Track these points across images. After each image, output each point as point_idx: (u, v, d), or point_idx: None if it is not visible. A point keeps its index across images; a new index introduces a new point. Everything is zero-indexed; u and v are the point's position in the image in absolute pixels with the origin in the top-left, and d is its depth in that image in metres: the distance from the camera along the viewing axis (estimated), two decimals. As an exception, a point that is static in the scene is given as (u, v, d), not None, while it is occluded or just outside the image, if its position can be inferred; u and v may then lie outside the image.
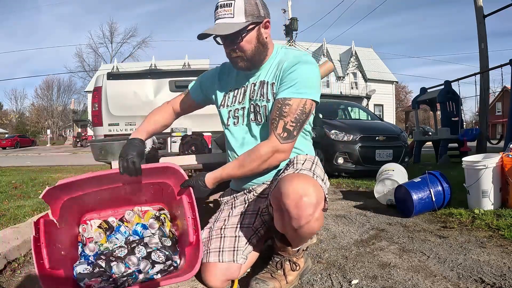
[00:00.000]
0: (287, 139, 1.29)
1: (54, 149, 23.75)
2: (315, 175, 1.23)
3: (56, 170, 7.12)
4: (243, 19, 1.26)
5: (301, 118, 1.29)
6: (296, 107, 1.28)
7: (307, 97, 1.29)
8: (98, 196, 1.47)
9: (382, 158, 4.82)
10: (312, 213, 1.13)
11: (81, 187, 1.38)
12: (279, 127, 1.29)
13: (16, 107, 47.60)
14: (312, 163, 1.32)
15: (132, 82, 3.31)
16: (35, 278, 1.52)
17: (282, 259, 1.36)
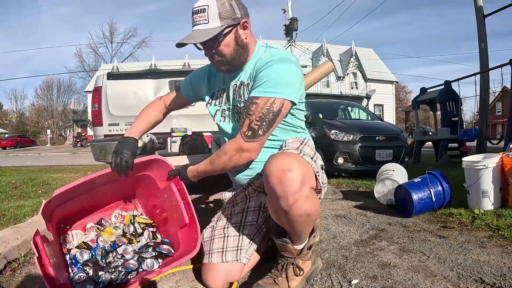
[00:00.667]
0: (252, 138, 1.26)
1: (54, 149, 23.74)
2: (301, 153, 1.22)
3: (56, 170, 7.12)
4: (218, 23, 1.25)
5: (267, 117, 1.24)
6: (263, 106, 1.24)
7: (276, 96, 1.25)
8: (78, 203, 1.49)
9: (382, 158, 4.82)
10: (298, 190, 1.10)
11: (71, 195, 1.38)
12: (244, 125, 1.27)
13: (16, 107, 47.65)
14: (300, 143, 1.31)
15: (132, 82, 3.31)
16: (35, 278, 1.53)
17: (285, 262, 1.31)
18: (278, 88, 1.25)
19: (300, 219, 1.18)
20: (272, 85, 1.25)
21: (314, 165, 1.23)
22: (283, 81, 1.26)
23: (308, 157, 1.22)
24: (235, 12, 1.28)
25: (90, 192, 1.48)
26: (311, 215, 1.19)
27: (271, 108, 1.25)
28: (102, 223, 1.63)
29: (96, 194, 1.54)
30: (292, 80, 1.29)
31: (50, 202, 1.25)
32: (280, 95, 1.25)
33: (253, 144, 1.27)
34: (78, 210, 1.57)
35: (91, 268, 1.37)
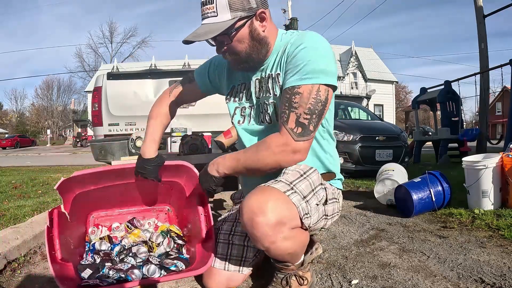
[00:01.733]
0: (302, 135, 1.06)
1: (54, 149, 23.74)
2: (292, 190, 1.04)
3: (56, 170, 7.12)
4: (228, 15, 1.06)
5: (317, 108, 1.06)
6: (308, 95, 1.05)
7: (320, 82, 1.06)
8: (107, 193, 1.48)
9: (382, 158, 4.83)
10: (272, 234, 0.99)
11: (94, 181, 1.39)
12: (290, 121, 1.06)
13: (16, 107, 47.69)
14: (300, 175, 1.10)
15: (132, 82, 3.31)
16: (35, 278, 1.53)
17: (286, 275, 1.21)
18: (319, 72, 1.06)
19: (281, 257, 1.11)
20: (312, 70, 1.06)
21: (304, 206, 1.05)
22: (323, 63, 1.07)
23: (298, 196, 1.04)
24: (249, 1, 1.08)
25: (121, 188, 1.47)
26: (294, 252, 1.11)
27: (318, 97, 1.06)
28: (134, 223, 1.58)
29: (128, 192, 1.52)
30: (330, 61, 1.10)
31: (69, 180, 1.26)
32: (324, 79, 1.07)
33: (305, 144, 1.08)
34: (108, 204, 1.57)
35: (100, 257, 1.37)
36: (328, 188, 1.22)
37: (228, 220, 1.46)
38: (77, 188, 1.37)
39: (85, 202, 1.45)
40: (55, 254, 1.19)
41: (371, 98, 26.02)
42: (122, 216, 1.61)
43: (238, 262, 1.34)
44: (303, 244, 1.14)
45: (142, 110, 3.27)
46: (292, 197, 1.03)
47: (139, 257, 1.43)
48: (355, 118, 6.33)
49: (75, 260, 1.34)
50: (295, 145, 1.07)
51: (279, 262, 1.19)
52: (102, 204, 1.56)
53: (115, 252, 1.46)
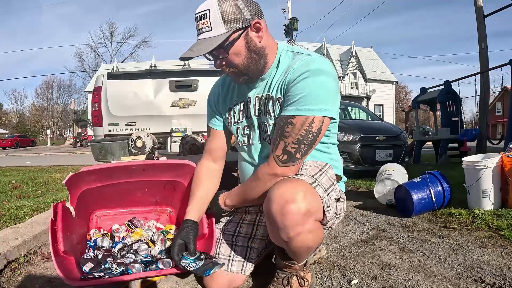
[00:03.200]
0: (287, 162, 1.10)
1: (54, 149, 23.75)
2: (315, 182, 1.08)
3: (56, 170, 7.12)
4: (222, 29, 1.06)
5: (306, 139, 1.09)
6: (300, 127, 1.08)
7: (315, 113, 1.07)
8: (112, 191, 1.49)
9: (382, 158, 4.82)
10: (301, 223, 1.01)
11: (102, 177, 1.40)
12: (278, 149, 1.11)
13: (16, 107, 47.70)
14: (319, 169, 1.15)
15: (132, 82, 3.31)
16: (35, 278, 1.53)
17: (288, 274, 1.23)
18: (317, 105, 1.07)
19: (300, 250, 1.11)
20: (309, 101, 1.07)
21: (326, 199, 1.09)
22: (322, 95, 1.08)
23: (322, 188, 1.08)
24: (243, 12, 1.08)
25: (125, 187, 1.48)
26: (312, 247, 1.12)
27: (310, 129, 1.08)
28: (135, 223, 1.60)
29: (132, 191, 1.54)
30: (331, 93, 1.10)
31: (77, 176, 1.28)
32: (320, 112, 1.08)
33: (289, 169, 1.11)
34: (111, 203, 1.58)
35: (101, 253, 1.38)
36: (337, 187, 1.24)
37: (232, 221, 1.46)
38: (83, 185, 1.38)
39: (89, 200, 1.46)
40: (58, 247, 1.20)
41: (371, 98, 26.02)
42: (124, 216, 1.62)
43: (241, 264, 1.34)
44: (320, 240, 1.14)
45: (142, 110, 3.27)
46: (318, 189, 1.06)
47: (140, 254, 1.43)
48: (355, 118, 6.33)
49: (77, 255, 1.34)
50: (280, 171, 1.11)
51: (287, 259, 1.20)
52: (105, 203, 1.57)
53: (116, 249, 1.46)
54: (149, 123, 3.27)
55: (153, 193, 1.59)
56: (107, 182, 1.43)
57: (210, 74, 3.33)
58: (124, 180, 1.46)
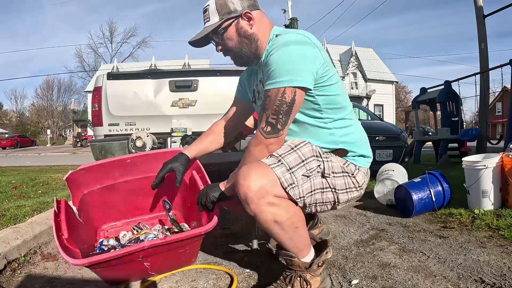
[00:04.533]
0: (271, 133, 1.20)
1: (54, 149, 23.75)
2: (279, 163, 1.17)
3: (56, 170, 7.12)
4: (217, 19, 1.27)
5: (282, 109, 1.17)
6: (275, 98, 1.17)
7: (284, 85, 1.15)
8: (114, 199, 1.51)
9: (382, 158, 4.82)
10: (256, 201, 1.13)
11: (100, 175, 1.43)
12: (262, 121, 1.22)
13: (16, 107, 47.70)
14: (290, 148, 1.23)
15: (132, 82, 3.31)
16: (35, 278, 1.53)
17: (293, 274, 1.26)
18: (284, 76, 1.16)
19: (270, 227, 1.17)
20: (277, 74, 1.17)
21: (288, 177, 1.16)
22: (288, 67, 1.16)
23: (284, 167, 1.17)
24: (233, 4, 1.28)
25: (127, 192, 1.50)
26: (281, 223, 1.17)
27: (283, 99, 1.17)
28: (140, 227, 1.63)
29: (135, 198, 1.56)
30: (297, 63, 1.16)
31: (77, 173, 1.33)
32: (289, 83, 1.15)
33: (275, 140, 1.21)
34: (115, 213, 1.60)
35: (108, 249, 1.43)
36: (333, 162, 1.27)
37: None
38: (83, 187, 1.39)
39: (94, 212, 1.48)
40: (62, 235, 1.21)
41: (371, 98, 26.02)
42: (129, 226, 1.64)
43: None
44: (292, 216, 1.19)
45: (142, 110, 3.27)
46: (276, 169, 1.16)
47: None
48: (355, 118, 6.31)
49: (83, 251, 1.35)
50: (266, 141, 1.21)
51: (282, 250, 1.25)
52: (111, 213, 1.58)
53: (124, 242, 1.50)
54: (149, 123, 3.27)
55: (156, 194, 1.58)
56: (106, 182, 1.43)
57: (210, 74, 3.32)
58: (123, 179, 1.46)
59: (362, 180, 1.32)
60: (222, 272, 1.55)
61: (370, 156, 1.37)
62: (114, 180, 1.49)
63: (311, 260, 1.26)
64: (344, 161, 1.31)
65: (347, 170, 1.29)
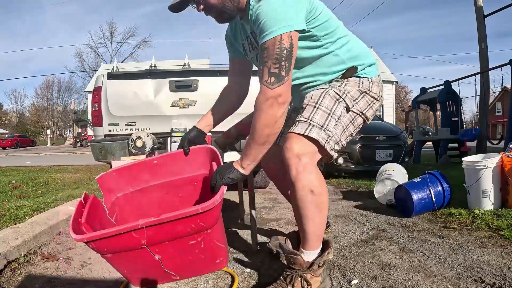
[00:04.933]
0: (277, 82, 1.18)
1: (54, 149, 23.75)
2: (310, 126, 1.22)
3: (56, 170, 7.12)
4: None
5: (283, 55, 1.17)
6: (273, 48, 1.16)
7: (280, 32, 1.15)
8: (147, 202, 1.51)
9: (382, 158, 4.82)
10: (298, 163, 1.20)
11: (131, 180, 1.46)
12: (264, 75, 1.19)
13: (16, 107, 47.71)
14: (313, 107, 1.27)
15: (132, 82, 3.31)
16: (35, 278, 1.53)
17: (293, 273, 1.26)
18: (276, 25, 1.16)
19: (303, 196, 1.22)
20: (270, 24, 1.16)
21: (323, 135, 1.23)
22: (279, 15, 1.16)
23: (316, 128, 1.22)
24: None
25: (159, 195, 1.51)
26: (315, 194, 1.22)
27: (282, 46, 1.16)
28: None
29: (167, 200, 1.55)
30: (287, 8, 1.18)
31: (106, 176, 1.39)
32: (284, 29, 1.16)
33: (281, 88, 1.18)
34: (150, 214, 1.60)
35: None
36: (350, 91, 1.32)
37: None
38: (115, 189, 1.45)
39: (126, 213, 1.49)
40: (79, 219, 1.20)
41: (371, 98, 25.96)
42: None
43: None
44: (324, 194, 1.26)
45: (142, 110, 3.27)
46: (312, 133, 1.22)
47: None
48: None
49: None
50: (273, 93, 1.18)
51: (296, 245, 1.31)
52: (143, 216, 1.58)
53: None
54: (149, 123, 3.27)
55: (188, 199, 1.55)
56: (136, 185, 1.46)
57: (210, 74, 3.33)
58: (152, 182, 1.47)
59: (378, 89, 1.39)
60: (222, 272, 1.55)
61: (375, 62, 1.44)
62: (143, 183, 1.49)
63: (313, 260, 1.26)
64: (357, 80, 1.35)
65: (363, 89, 1.35)
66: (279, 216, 2.65)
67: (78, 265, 1.69)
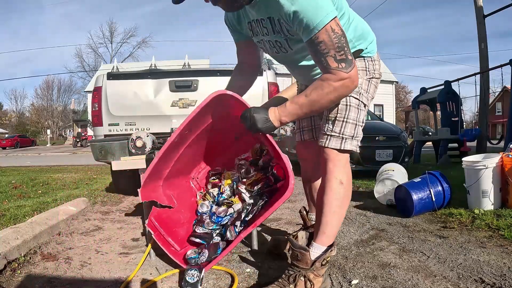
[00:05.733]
0: (348, 67, 1.19)
1: (54, 149, 23.74)
2: (343, 140, 1.34)
3: (56, 170, 7.12)
4: None
5: (342, 41, 1.18)
6: (329, 38, 1.16)
7: (326, 21, 1.15)
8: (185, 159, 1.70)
9: (382, 158, 4.82)
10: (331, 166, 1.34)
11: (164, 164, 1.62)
12: (331, 63, 1.19)
13: (16, 107, 47.69)
14: (342, 121, 1.34)
15: (132, 82, 3.31)
16: (35, 278, 1.53)
17: (297, 272, 1.26)
18: (319, 16, 1.15)
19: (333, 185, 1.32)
20: (314, 18, 1.15)
21: (355, 144, 1.36)
22: (316, 7, 1.15)
23: (349, 140, 1.35)
24: None
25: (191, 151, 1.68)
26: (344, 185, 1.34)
27: (337, 33, 1.17)
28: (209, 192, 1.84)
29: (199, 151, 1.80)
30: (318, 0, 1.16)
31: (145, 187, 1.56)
32: (327, 18, 1.16)
33: (354, 71, 1.21)
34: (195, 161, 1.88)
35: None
36: (361, 84, 1.37)
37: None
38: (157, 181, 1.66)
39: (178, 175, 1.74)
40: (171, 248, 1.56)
41: (371, 98, 25.96)
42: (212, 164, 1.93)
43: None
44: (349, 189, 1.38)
45: (142, 110, 3.27)
46: (346, 146, 1.34)
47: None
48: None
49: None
50: (348, 75, 1.20)
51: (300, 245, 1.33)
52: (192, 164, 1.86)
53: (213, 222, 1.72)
54: (149, 123, 3.27)
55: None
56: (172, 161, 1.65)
57: (210, 74, 3.33)
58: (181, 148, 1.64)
59: (378, 67, 1.46)
60: (222, 272, 1.55)
61: (374, 37, 1.48)
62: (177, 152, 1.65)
63: (317, 257, 1.27)
64: (364, 66, 1.40)
65: (370, 75, 1.41)
66: (279, 216, 2.65)
67: (78, 265, 1.69)
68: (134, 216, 2.75)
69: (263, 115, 1.29)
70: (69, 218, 2.51)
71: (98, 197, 3.55)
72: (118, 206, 3.22)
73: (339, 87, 1.21)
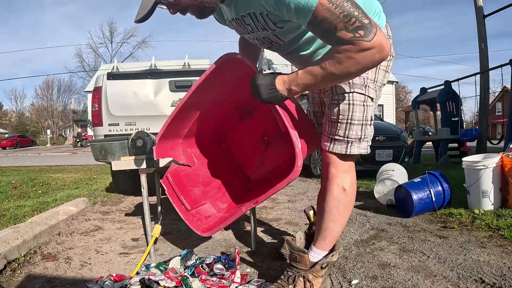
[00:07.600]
0: (369, 33, 0.96)
1: (54, 149, 23.74)
2: (348, 144, 1.25)
3: (56, 170, 7.12)
4: None
5: (346, 6, 0.96)
6: (329, 11, 0.96)
7: None
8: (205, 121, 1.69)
9: (382, 158, 4.82)
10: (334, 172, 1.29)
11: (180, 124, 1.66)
12: (346, 36, 0.97)
13: (16, 107, 47.68)
14: (346, 123, 1.24)
15: (132, 82, 3.31)
16: (35, 278, 1.53)
17: (296, 273, 1.26)
18: None
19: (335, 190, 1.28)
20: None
21: (363, 145, 1.28)
22: None
23: (355, 143, 1.26)
24: None
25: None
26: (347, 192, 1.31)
27: (336, 2, 0.96)
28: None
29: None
30: None
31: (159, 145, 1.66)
32: None
33: (377, 37, 0.97)
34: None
35: None
36: (368, 73, 1.22)
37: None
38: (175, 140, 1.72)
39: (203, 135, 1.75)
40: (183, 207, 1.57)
41: (371, 98, 25.96)
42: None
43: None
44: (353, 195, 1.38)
45: (142, 110, 3.27)
46: (353, 150, 1.26)
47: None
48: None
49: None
50: (372, 45, 0.96)
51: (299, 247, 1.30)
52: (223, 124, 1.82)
53: None
54: (149, 123, 3.28)
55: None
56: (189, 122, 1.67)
57: None
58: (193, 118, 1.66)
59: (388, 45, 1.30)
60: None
61: (381, 7, 1.27)
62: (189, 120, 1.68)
63: (317, 261, 1.27)
64: None
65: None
66: (279, 216, 2.65)
67: (78, 265, 1.69)
68: (134, 216, 2.75)
69: (268, 82, 1.13)
70: (69, 218, 2.51)
71: (98, 197, 3.55)
72: (118, 206, 3.22)
73: (361, 58, 0.99)
